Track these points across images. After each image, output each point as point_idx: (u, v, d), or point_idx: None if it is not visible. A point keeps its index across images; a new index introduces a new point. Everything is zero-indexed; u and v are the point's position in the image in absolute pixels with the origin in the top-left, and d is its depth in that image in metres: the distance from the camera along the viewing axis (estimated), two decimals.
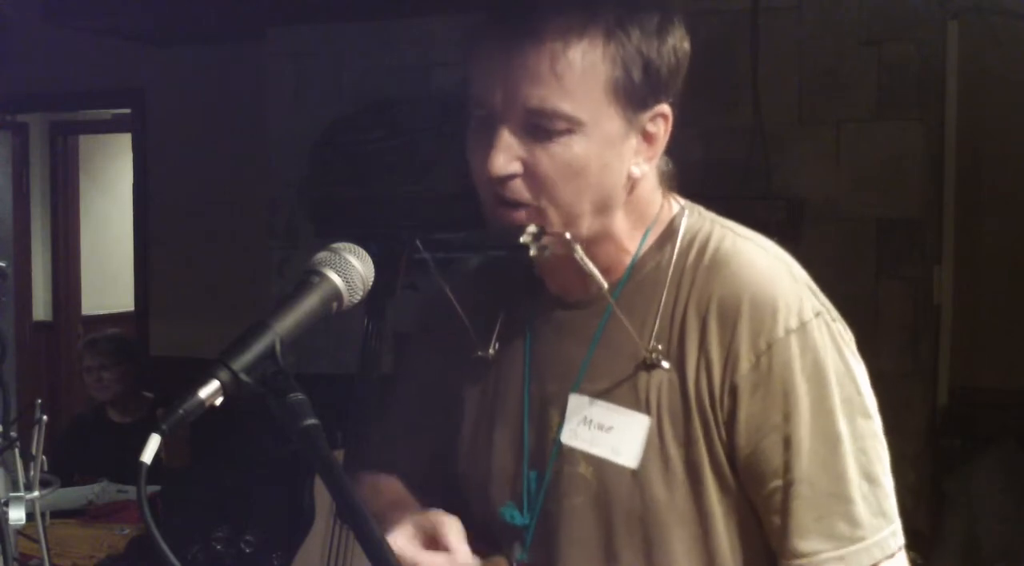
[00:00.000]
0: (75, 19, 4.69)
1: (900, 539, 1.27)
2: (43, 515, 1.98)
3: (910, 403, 3.70)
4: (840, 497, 1.23)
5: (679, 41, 1.26)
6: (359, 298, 1.13)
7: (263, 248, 4.78)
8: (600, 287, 1.28)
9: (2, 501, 1.75)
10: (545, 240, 1.24)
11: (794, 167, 3.87)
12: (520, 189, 1.23)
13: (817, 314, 1.26)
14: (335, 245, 1.14)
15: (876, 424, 1.28)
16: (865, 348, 1.31)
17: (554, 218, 1.24)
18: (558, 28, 1.20)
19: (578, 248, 1.25)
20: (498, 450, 1.38)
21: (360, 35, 4.56)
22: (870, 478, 1.25)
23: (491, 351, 1.39)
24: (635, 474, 1.27)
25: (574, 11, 1.20)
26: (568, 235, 1.25)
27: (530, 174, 1.23)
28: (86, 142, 6.82)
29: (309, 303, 1.09)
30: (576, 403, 1.32)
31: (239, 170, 5.07)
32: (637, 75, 1.22)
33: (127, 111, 5.57)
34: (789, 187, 3.86)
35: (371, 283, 1.14)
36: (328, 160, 4.47)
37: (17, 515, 1.76)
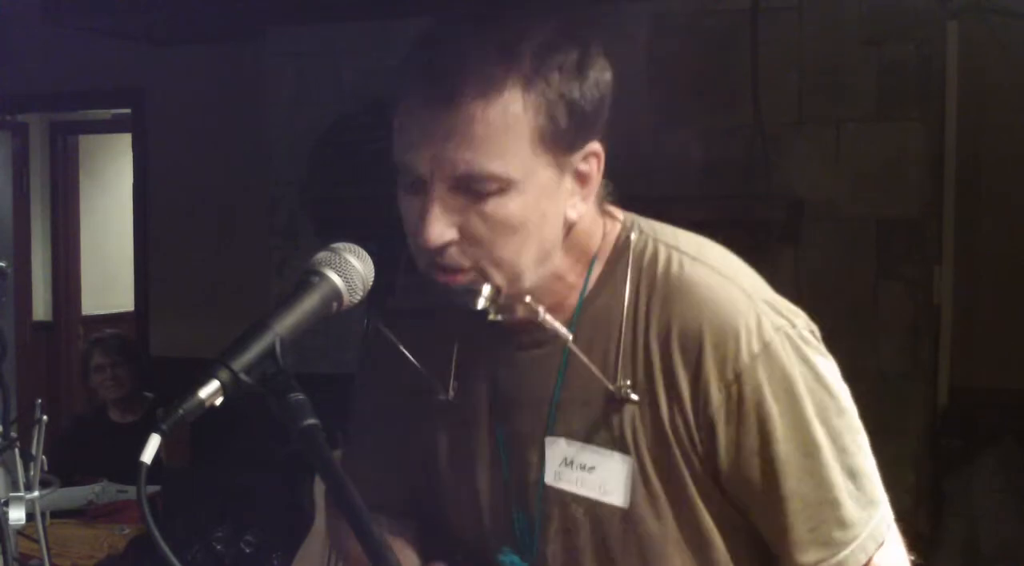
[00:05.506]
0: (75, 19, 4.68)
1: (889, 518, 1.28)
2: (43, 515, 1.97)
3: (910, 403, 3.69)
4: (829, 503, 1.23)
5: (600, 72, 1.20)
6: (359, 298, 1.13)
7: (263, 248, 4.78)
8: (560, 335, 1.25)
9: (2, 501, 1.74)
10: (503, 300, 1.20)
11: (794, 167, 3.86)
12: (458, 256, 1.18)
13: (777, 329, 1.23)
14: (335, 245, 1.14)
15: (852, 416, 1.28)
16: (865, 348, 1.31)
17: (496, 277, 1.20)
18: (475, 87, 1.14)
19: (541, 310, 1.22)
20: (482, 493, 1.35)
21: (360, 35, 4.55)
22: (853, 473, 1.25)
23: (451, 393, 1.34)
24: (626, 513, 1.26)
25: (489, 65, 1.14)
26: (529, 299, 1.21)
27: (467, 238, 1.17)
28: (86, 142, 6.81)
29: (309, 303, 1.09)
30: (553, 445, 1.29)
31: (239, 170, 5.06)
32: (563, 120, 1.17)
33: (127, 111, 5.56)
34: (789, 187, 3.85)
35: (371, 283, 1.14)
36: (328, 160, 4.46)
37: (17, 515, 1.75)
